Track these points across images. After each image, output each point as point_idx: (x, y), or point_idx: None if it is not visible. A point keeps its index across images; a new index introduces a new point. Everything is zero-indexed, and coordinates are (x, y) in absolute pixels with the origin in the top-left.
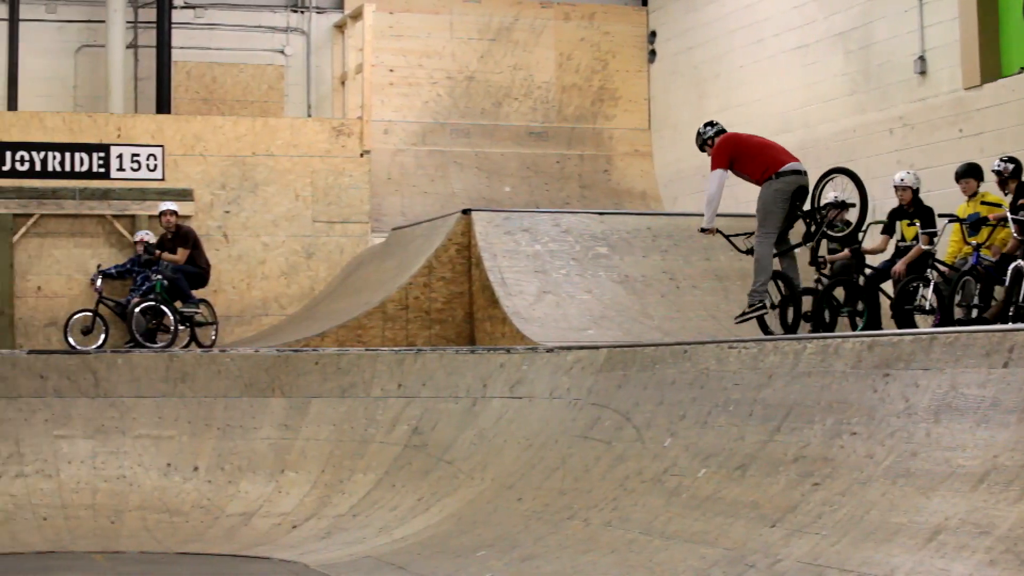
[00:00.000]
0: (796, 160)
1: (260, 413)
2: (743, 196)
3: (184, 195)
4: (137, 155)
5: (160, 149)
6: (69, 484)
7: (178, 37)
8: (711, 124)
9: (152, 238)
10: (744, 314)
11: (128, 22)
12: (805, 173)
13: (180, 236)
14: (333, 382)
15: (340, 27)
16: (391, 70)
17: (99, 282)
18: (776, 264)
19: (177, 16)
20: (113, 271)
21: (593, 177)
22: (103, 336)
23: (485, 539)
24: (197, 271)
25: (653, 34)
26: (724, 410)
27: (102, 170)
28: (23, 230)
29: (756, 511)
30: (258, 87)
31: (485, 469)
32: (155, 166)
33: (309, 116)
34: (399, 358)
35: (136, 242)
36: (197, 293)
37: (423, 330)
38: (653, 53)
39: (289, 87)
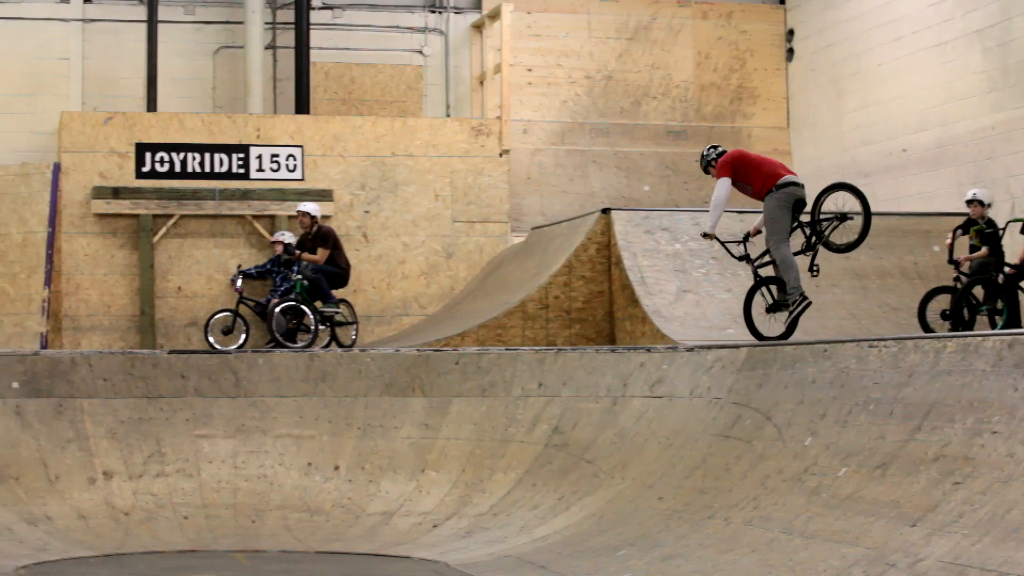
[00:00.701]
0: (794, 174)
1: (401, 412)
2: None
3: (324, 195)
4: (276, 155)
5: (299, 149)
6: (210, 483)
7: (316, 38)
8: (714, 147)
9: (291, 239)
10: (792, 312)
11: (266, 23)
12: (803, 185)
13: (320, 236)
14: (473, 381)
15: (478, 27)
16: (529, 69)
17: (239, 282)
18: (769, 271)
19: (315, 17)
20: (253, 271)
21: None
22: (243, 336)
23: (626, 538)
24: (337, 271)
25: (791, 32)
26: (864, 409)
27: (241, 171)
28: (163, 231)
29: (896, 510)
30: (396, 87)
31: (625, 468)
32: (294, 166)
33: (448, 116)
34: (539, 357)
35: (274, 243)
36: (337, 293)
37: (563, 329)
38: (791, 51)
39: (428, 87)
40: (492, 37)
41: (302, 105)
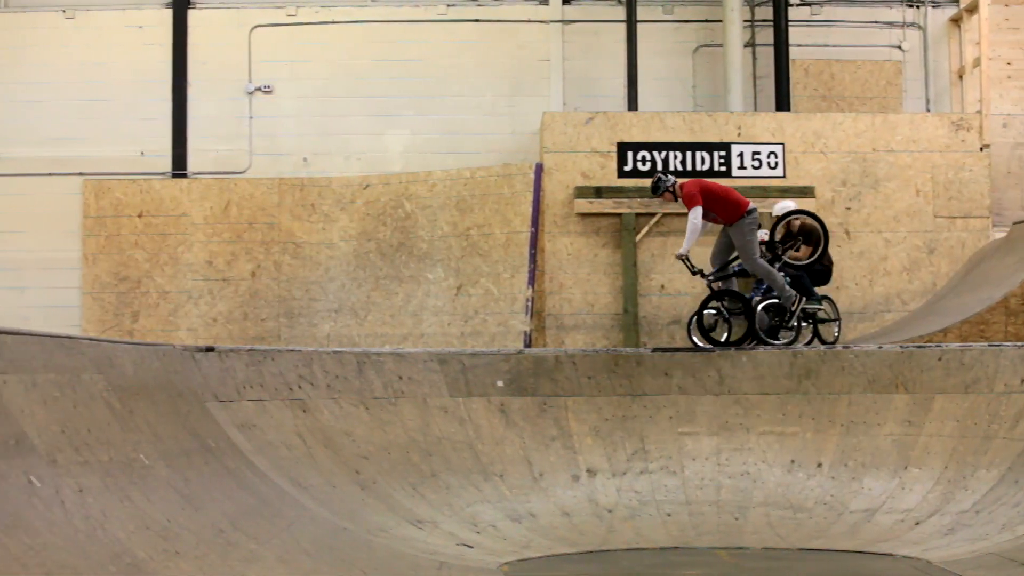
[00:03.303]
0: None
1: (884, 409)
2: None
3: (805, 192)
4: (758, 153)
5: (780, 147)
6: (693, 481)
7: (795, 35)
8: (667, 174)
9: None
10: (795, 313)
11: (745, 21)
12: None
13: (804, 233)
14: (956, 378)
15: (955, 21)
16: (1008, 63)
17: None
18: (731, 284)
19: (793, 14)
20: (736, 269)
21: None
22: (726, 334)
23: None
24: (820, 268)
25: None
26: None
27: (723, 168)
28: (646, 229)
29: None
30: (876, 83)
31: None
32: (776, 164)
33: (927, 111)
34: (1022, 353)
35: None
36: (819, 290)
37: None
38: None
39: (907, 82)
40: (970, 31)
41: (782, 102)
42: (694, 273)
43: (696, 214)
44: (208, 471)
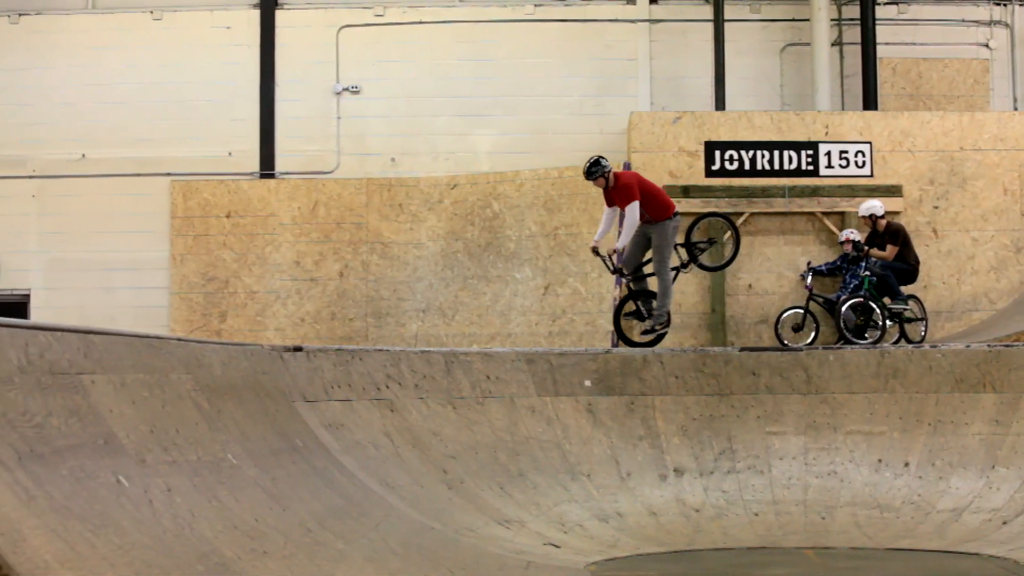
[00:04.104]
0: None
1: (971, 409)
2: None
3: (892, 191)
4: (845, 152)
5: (868, 146)
6: (780, 480)
7: (882, 33)
8: (603, 158)
9: (858, 236)
10: (656, 332)
11: (832, 20)
12: None
13: (888, 232)
14: None
15: None
16: None
17: (809, 279)
18: (645, 284)
19: (881, 12)
20: (823, 268)
21: None
22: (813, 333)
23: None
24: (906, 267)
25: None
26: None
27: (810, 168)
28: None
29: None
30: (963, 81)
31: None
32: (863, 163)
33: (1015, 109)
34: None
35: (843, 241)
36: (906, 289)
37: None
38: None
39: (994, 80)
40: None
41: (870, 101)
42: (614, 271)
43: (636, 209)
44: (296, 471)
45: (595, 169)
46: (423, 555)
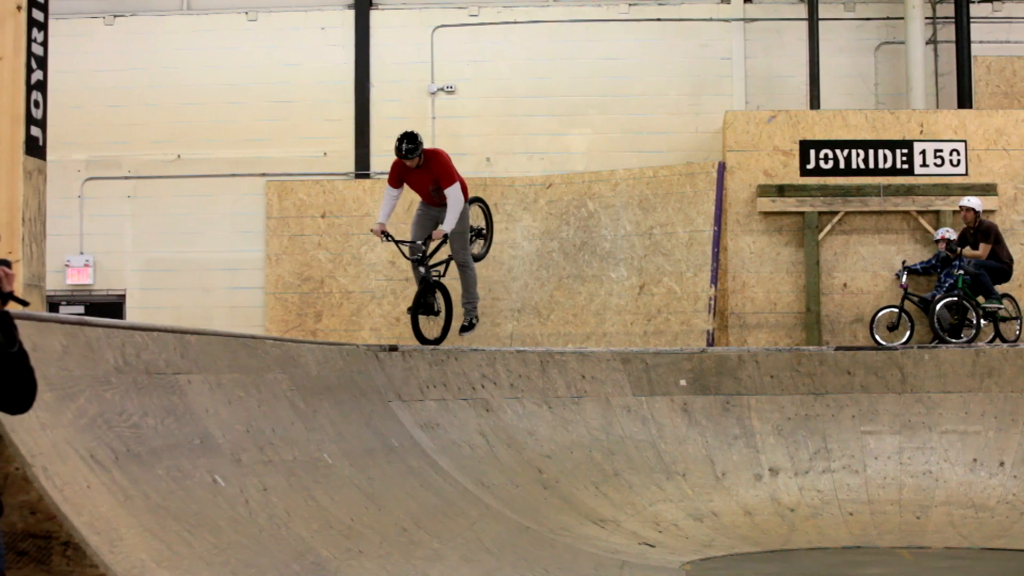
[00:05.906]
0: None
1: None
2: None
3: (987, 190)
4: (940, 151)
5: (963, 144)
6: (875, 479)
7: (977, 32)
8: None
9: (953, 235)
10: (473, 326)
11: (927, 18)
12: None
13: (982, 231)
14: None
15: None
16: None
17: (904, 278)
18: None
19: (975, 11)
20: (918, 267)
21: None
22: (908, 332)
23: None
24: (999, 266)
25: None
26: None
27: (905, 166)
28: (828, 227)
29: None
30: None
31: None
32: (958, 161)
33: None
34: None
35: (938, 240)
36: (1000, 288)
37: None
38: None
39: None
40: None
41: (964, 99)
42: (414, 260)
43: (460, 189)
44: (391, 470)
45: (415, 147)
46: (518, 554)
